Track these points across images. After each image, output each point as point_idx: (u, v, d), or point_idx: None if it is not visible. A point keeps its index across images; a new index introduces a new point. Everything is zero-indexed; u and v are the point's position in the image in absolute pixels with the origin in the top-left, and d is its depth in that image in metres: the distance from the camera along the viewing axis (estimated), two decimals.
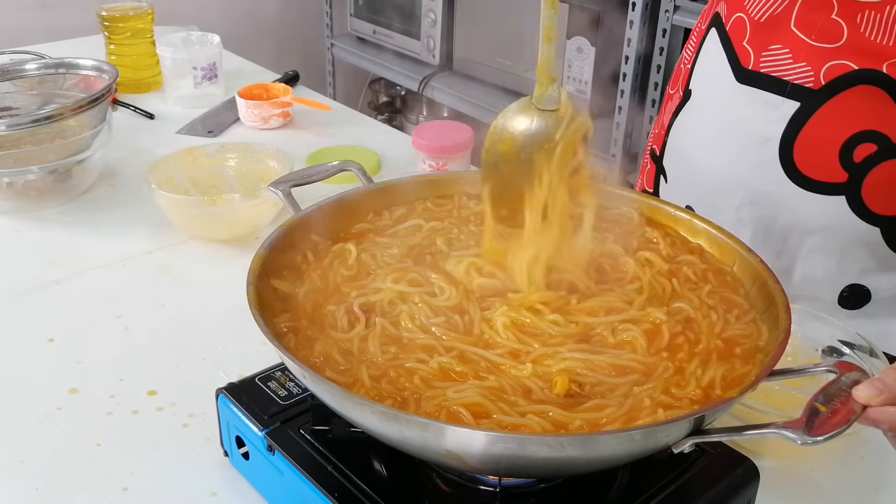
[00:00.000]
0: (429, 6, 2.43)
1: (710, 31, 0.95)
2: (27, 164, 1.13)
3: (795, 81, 0.84)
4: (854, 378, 0.56)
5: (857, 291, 0.90)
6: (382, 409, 0.53)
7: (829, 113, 0.83)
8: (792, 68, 0.84)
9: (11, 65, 1.30)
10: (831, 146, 0.84)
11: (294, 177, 0.81)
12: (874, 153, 0.82)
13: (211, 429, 0.76)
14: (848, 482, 0.75)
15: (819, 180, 0.85)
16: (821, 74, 0.82)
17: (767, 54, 0.86)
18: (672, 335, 0.64)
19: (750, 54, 0.88)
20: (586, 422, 0.57)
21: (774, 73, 0.86)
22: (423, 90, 2.52)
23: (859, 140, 0.82)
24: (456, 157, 1.21)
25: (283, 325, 0.66)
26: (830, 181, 0.85)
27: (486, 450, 0.53)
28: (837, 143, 0.83)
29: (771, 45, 0.86)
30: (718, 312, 0.68)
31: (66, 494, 0.72)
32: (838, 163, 0.83)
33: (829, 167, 0.84)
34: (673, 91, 1.03)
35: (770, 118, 0.87)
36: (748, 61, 0.88)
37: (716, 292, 0.70)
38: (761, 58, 0.87)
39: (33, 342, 0.91)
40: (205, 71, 1.52)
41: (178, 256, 1.08)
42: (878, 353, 0.78)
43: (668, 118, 1.03)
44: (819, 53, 0.83)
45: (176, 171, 1.13)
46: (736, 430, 0.56)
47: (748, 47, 0.88)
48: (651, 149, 1.07)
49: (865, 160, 0.83)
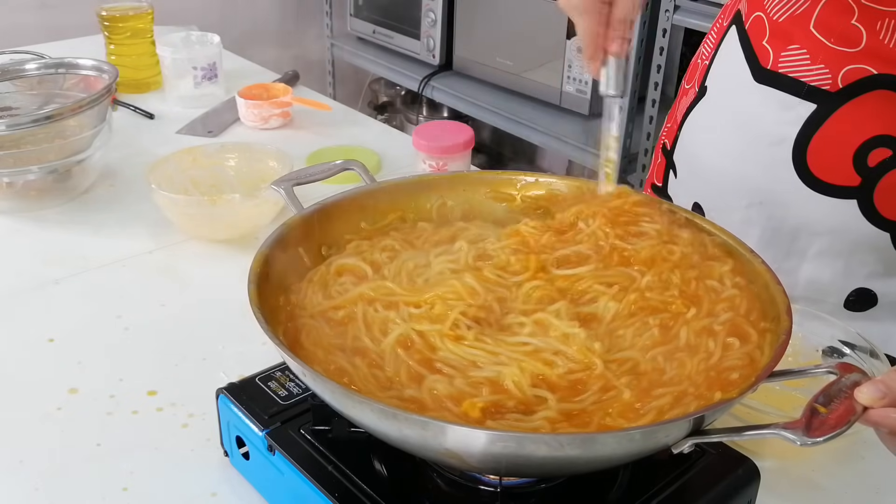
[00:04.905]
0: (429, 6, 2.43)
1: (730, 28, 0.95)
2: (27, 164, 1.13)
3: (813, 83, 0.84)
4: (854, 379, 0.56)
5: (864, 295, 0.90)
6: (382, 407, 0.53)
7: (845, 116, 0.83)
8: (810, 69, 0.84)
9: (11, 65, 1.30)
10: (846, 149, 0.83)
11: (296, 175, 0.81)
12: (888, 158, 0.82)
13: (211, 429, 0.76)
14: (848, 482, 0.75)
15: (831, 183, 0.85)
16: (839, 77, 0.82)
17: (786, 54, 0.86)
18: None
19: (769, 53, 0.87)
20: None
21: (792, 73, 0.85)
22: (423, 90, 2.52)
23: (874, 145, 0.82)
24: (456, 157, 1.21)
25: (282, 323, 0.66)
26: (843, 185, 0.84)
27: (486, 449, 0.53)
28: (852, 147, 0.83)
29: (790, 46, 0.85)
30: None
31: (66, 494, 0.72)
32: (852, 166, 0.83)
33: (842, 170, 0.84)
34: (689, 86, 1.02)
35: (785, 119, 0.86)
36: (767, 61, 0.87)
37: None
38: (780, 58, 0.86)
39: (33, 342, 0.91)
40: (205, 71, 1.52)
41: (178, 256, 1.08)
42: (880, 354, 0.78)
43: (681, 113, 1.02)
44: (838, 56, 0.82)
45: (176, 171, 1.13)
46: (736, 431, 0.56)
47: (767, 46, 0.87)
48: (663, 143, 1.07)
49: (880, 165, 0.82)
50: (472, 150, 1.24)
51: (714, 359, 0.61)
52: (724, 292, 0.67)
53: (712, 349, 0.62)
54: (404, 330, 0.62)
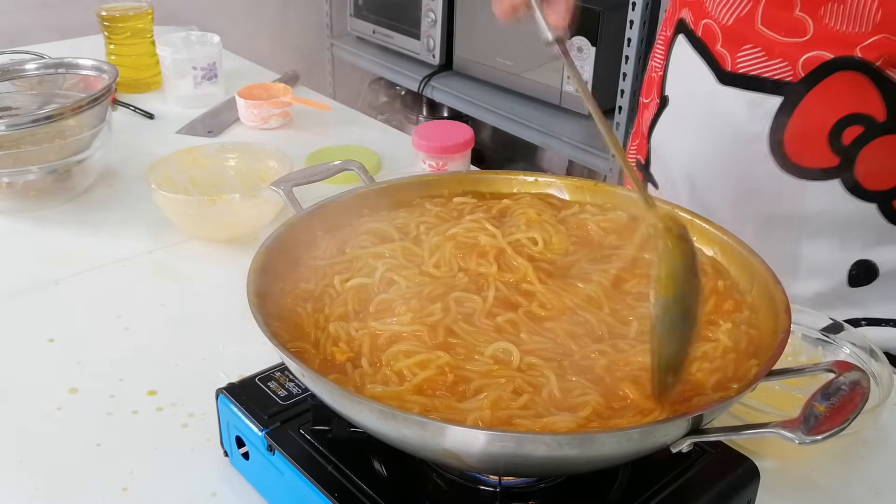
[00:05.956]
0: (429, 6, 2.43)
1: (676, 36, 0.97)
2: (27, 164, 1.13)
3: (774, 77, 0.86)
4: (853, 378, 0.56)
5: (864, 267, 0.91)
6: (380, 407, 0.53)
7: (813, 102, 0.85)
8: (769, 65, 0.86)
9: (11, 65, 1.30)
10: (819, 133, 0.85)
11: (296, 176, 0.81)
12: (862, 134, 0.84)
13: (211, 429, 0.76)
14: (848, 482, 0.75)
15: (812, 168, 0.87)
16: (798, 66, 0.84)
17: (742, 55, 0.88)
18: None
19: (727, 57, 0.89)
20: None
21: (753, 72, 0.87)
22: (423, 90, 2.52)
23: (846, 124, 0.84)
24: (456, 157, 1.21)
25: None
26: (823, 167, 0.86)
27: (484, 448, 0.53)
28: (825, 130, 0.85)
29: (744, 46, 0.87)
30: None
31: (66, 494, 0.72)
32: (828, 148, 0.85)
33: (820, 154, 0.86)
34: (647, 100, 1.04)
35: (755, 115, 0.88)
36: (726, 64, 0.90)
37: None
38: (737, 59, 0.88)
39: (33, 342, 0.91)
40: (205, 71, 1.52)
41: (178, 256, 1.08)
42: (879, 353, 0.78)
43: (646, 127, 1.04)
44: (792, 48, 0.84)
45: (176, 171, 1.13)
46: (734, 430, 0.56)
47: (723, 50, 0.90)
48: (636, 160, 1.08)
49: (854, 142, 0.84)
50: (472, 150, 1.24)
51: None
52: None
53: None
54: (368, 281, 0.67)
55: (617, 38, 1.98)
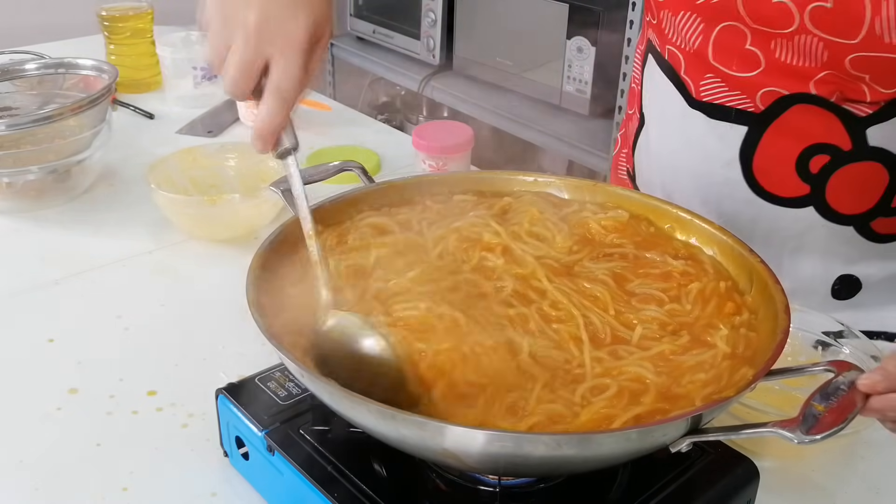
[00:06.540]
0: (429, 6, 2.42)
1: (647, 56, 0.96)
2: (27, 164, 1.13)
3: (738, 107, 0.85)
4: (852, 377, 0.56)
5: (848, 281, 0.90)
6: (379, 408, 0.53)
7: (777, 133, 0.83)
8: (730, 95, 0.85)
9: (11, 65, 1.30)
10: (786, 163, 0.84)
11: None
12: (829, 162, 0.83)
13: (211, 429, 0.76)
14: (848, 482, 0.75)
15: (784, 196, 0.86)
16: (757, 100, 0.83)
17: (705, 83, 0.87)
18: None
19: (690, 84, 0.88)
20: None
21: (717, 100, 0.86)
22: (423, 90, 2.52)
23: (812, 153, 0.83)
24: (456, 157, 1.21)
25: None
26: (795, 196, 0.85)
27: (484, 449, 0.53)
28: (791, 160, 0.84)
29: (706, 75, 0.86)
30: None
31: (66, 494, 0.72)
32: (798, 177, 0.84)
33: (789, 183, 0.85)
34: (631, 112, 1.04)
35: (725, 143, 0.87)
36: (691, 90, 0.88)
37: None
38: (700, 87, 0.87)
39: (33, 342, 0.91)
40: (205, 71, 1.52)
41: (178, 256, 1.08)
42: (879, 354, 0.78)
43: (631, 139, 1.04)
44: (746, 82, 0.83)
45: (176, 171, 1.13)
46: (733, 430, 0.56)
47: (687, 78, 0.88)
48: (626, 168, 1.08)
49: (822, 170, 0.83)
50: (472, 150, 1.24)
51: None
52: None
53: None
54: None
55: (617, 38, 1.98)
